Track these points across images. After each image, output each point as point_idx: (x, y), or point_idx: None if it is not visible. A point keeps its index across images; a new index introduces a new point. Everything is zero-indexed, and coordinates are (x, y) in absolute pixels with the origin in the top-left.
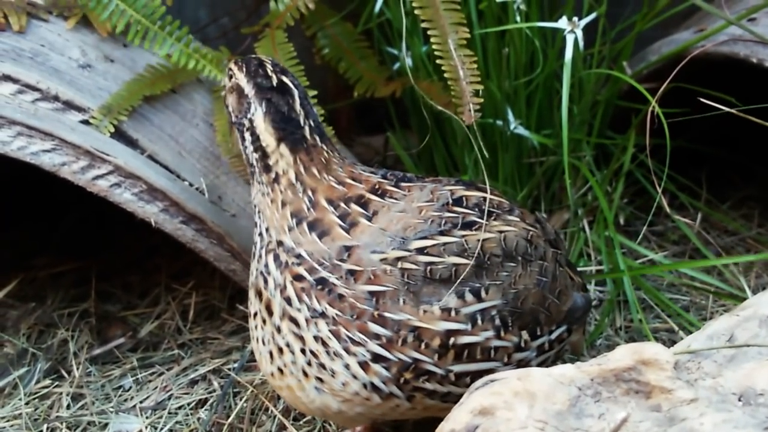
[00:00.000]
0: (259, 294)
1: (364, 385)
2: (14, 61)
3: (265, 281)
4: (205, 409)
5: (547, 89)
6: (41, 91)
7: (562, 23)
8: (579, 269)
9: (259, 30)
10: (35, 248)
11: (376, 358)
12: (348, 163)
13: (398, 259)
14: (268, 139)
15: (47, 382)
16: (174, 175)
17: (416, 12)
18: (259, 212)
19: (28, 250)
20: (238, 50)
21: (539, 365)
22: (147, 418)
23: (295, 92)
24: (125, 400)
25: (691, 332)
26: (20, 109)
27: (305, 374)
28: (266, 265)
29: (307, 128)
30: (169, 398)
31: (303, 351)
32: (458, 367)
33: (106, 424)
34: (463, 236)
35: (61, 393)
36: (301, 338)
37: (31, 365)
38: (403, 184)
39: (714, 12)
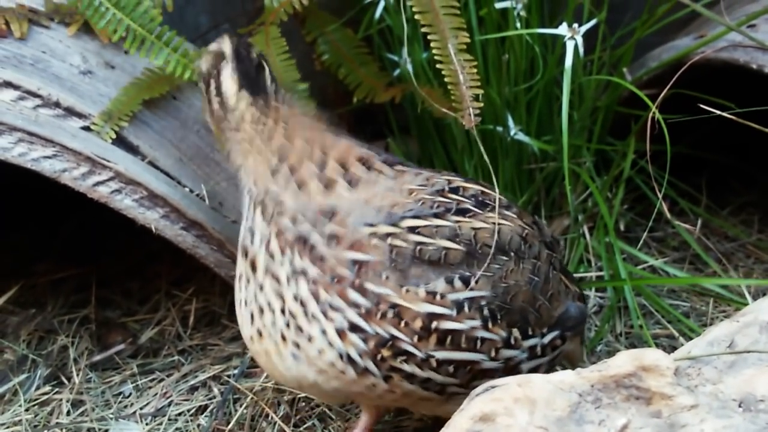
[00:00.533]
0: (245, 252)
1: (340, 355)
2: (15, 67)
3: (252, 236)
4: (205, 416)
5: (547, 95)
6: (42, 98)
7: (563, 30)
8: (579, 275)
9: (254, 28)
10: (35, 254)
11: (354, 327)
12: (320, 125)
13: (388, 234)
14: (229, 85)
15: (47, 388)
16: (174, 181)
17: (416, 17)
18: (242, 170)
19: (28, 257)
20: None
21: (532, 370)
22: (147, 424)
23: (268, 74)
24: (125, 407)
25: (691, 338)
26: (21, 116)
27: (283, 338)
28: (253, 219)
29: (272, 91)
30: (169, 405)
31: (282, 311)
32: (441, 354)
33: (107, 431)
34: (457, 222)
35: (61, 399)
36: (282, 297)
37: (31, 372)
38: (397, 166)
39: (714, 18)
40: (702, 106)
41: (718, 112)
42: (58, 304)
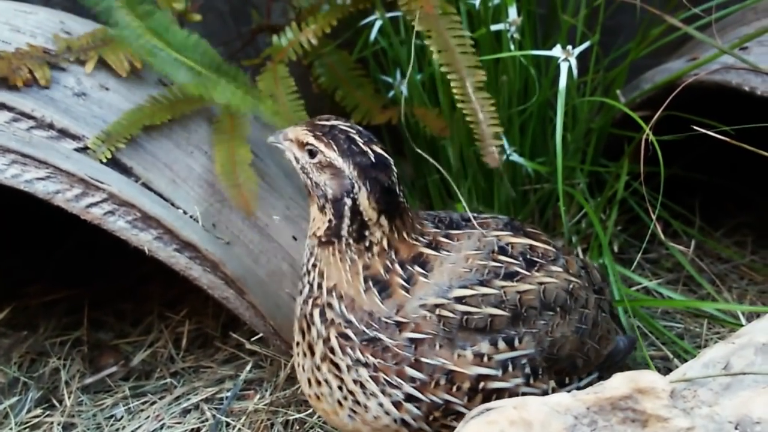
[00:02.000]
0: (302, 332)
1: (395, 420)
2: (9, 89)
3: (308, 327)
4: None
5: (541, 117)
6: (36, 119)
7: (556, 51)
8: None
9: (260, 63)
10: (28, 276)
11: (410, 398)
12: (417, 216)
13: (437, 306)
14: (371, 213)
15: (38, 411)
16: (168, 202)
17: (434, 56)
18: (315, 267)
19: (20, 278)
20: None
21: None
22: None
23: (391, 162)
24: (117, 430)
25: (685, 360)
26: (15, 137)
27: (340, 404)
28: (311, 315)
29: (401, 197)
30: (162, 428)
31: (340, 388)
32: None
33: None
34: (502, 287)
35: (52, 423)
36: (341, 379)
37: (22, 394)
38: (452, 232)
39: (707, 41)
40: (695, 128)
41: (712, 134)
42: (50, 326)
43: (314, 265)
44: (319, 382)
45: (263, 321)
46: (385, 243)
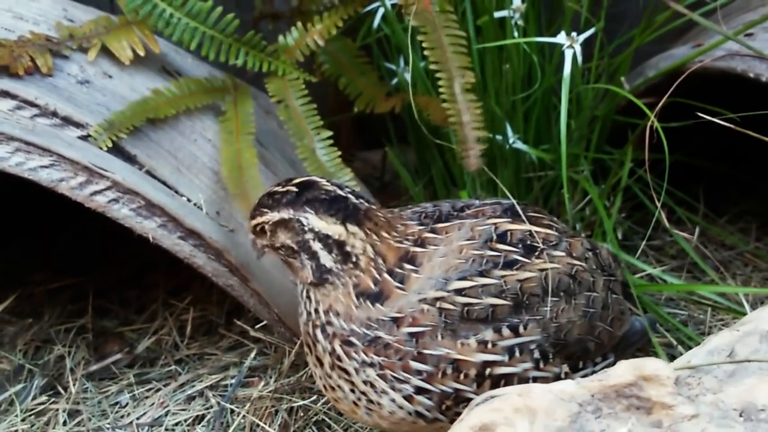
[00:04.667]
0: (308, 347)
1: (410, 413)
2: (12, 76)
3: (314, 344)
4: (202, 426)
5: (545, 104)
6: (39, 107)
7: (561, 38)
8: None
9: (268, 54)
10: (32, 264)
11: (420, 391)
12: (397, 215)
13: (437, 299)
14: (334, 228)
15: (43, 398)
16: (172, 190)
17: (425, 53)
18: (309, 298)
19: (25, 266)
20: (245, 77)
21: None
22: None
23: (315, 178)
24: (122, 417)
25: (689, 347)
26: (18, 125)
27: (356, 404)
28: (314, 334)
29: (357, 199)
30: (166, 414)
31: (353, 390)
32: None
33: None
34: (502, 277)
35: (57, 409)
36: (351, 382)
37: (27, 381)
38: (438, 226)
39: (711, 27)
40: (700, 114)
41: (716, 120)
42: (55, 314)
43: (308, 297)
44: (333, 388)
45: (267, 308)
46: (369, 251)
